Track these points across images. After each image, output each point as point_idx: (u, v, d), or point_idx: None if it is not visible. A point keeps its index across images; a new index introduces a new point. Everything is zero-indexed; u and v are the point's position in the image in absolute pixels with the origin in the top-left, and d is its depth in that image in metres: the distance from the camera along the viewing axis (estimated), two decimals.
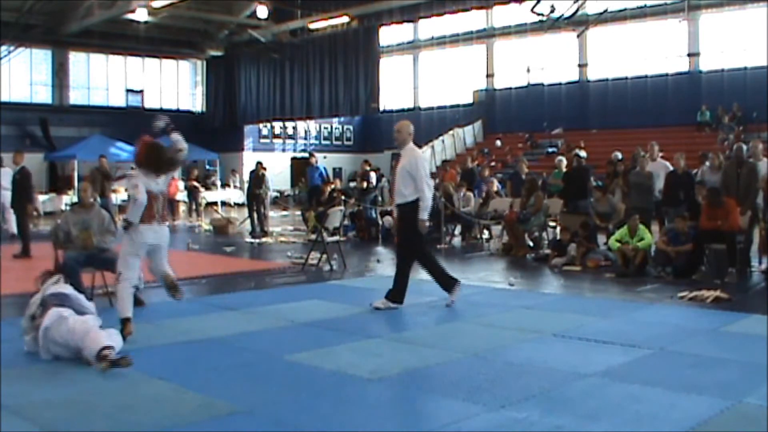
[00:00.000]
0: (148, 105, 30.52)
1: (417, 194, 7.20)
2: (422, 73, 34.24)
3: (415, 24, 31.69)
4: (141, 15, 24.77)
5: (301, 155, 30.49)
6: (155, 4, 24.15)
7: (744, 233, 9.70)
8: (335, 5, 25.17)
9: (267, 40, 28.86)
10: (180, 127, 6.63)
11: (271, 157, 28.54)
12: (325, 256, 10.65)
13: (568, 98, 29.29)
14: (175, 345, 5.88)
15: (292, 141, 33.32)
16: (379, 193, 18.58)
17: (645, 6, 27.03)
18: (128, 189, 6.41)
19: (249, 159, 28.47)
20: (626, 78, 27.83)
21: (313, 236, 12.31)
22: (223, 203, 26.69)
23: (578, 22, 25.02)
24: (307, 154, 23.03)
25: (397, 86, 34.04)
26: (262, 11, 26.28)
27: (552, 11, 22.45)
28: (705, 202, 9.84)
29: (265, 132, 32.34)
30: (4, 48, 25.24)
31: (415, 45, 33.91)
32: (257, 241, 15.05)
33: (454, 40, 32.29)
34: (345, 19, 25.88)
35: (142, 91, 30.76)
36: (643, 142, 14.52)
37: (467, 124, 31.13)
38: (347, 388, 4.70)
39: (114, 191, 13.70)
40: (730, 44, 25.52)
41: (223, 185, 28.66)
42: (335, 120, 33.52)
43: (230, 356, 5.50)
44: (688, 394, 4.52)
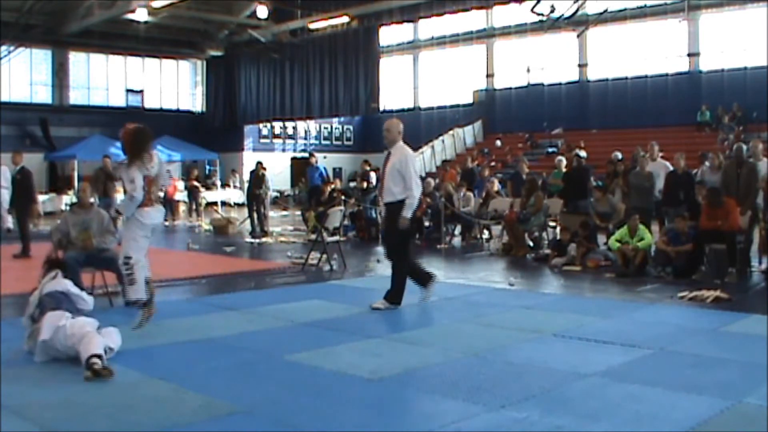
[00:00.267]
0: (148, 105, 30.55)
1: (406, 192, 7.22)
2: (422, 73, 34.24)
3: (415, 24, 31.68)
4: (141, 15, 24.78)
5: (301, 155, 30.50)
6: (155, 4, 24.16)
7: (744, 233, 9.70)
8: (335, 5, 25.17)
9: (267, 40, 28.85)
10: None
11: (271, 157, 28.54)
12: (325, 256, 10.64)
13: (568, 98, 29.28)
14: (175, 345, 5.87)
15: (292, 141, 33.33)
16: (379, 193, 18.53)
17: (645, 6, 27.03)
18: (125, 184, 6.36)
19: (249, 159, 28.47)
20: (626, 78, 27.82)
21: (313, 236, 12.31)
22: (223, 203, 26.69)
23: (578, 22, 25.01)
24: (307, 154, 23.03)
25: (397, 86, 34.05)
26: (262, 11, 26.29)
27: (552, 11, 22.43)
28: (705, 202, 9.84)
29: (265, 132, 32.34)
30: (4, 48, 25.25)
31: (415, 45, 33.91)
32: (257, 241, 15.05)
33: (454, 40, 32.29)
34: (345, 19, 25.89)
35: (142, 91, 30.77)
36: (643, 142, 14.53)
37: (467, 124, 31.13)
38: (347, 388, 4.69)
39: (117, 191, 13.69)
40: (730, 44, 25.51)
41: (223, 185, 28.66)
42: (335, 120, 33.51)
43: (230, 356, 5.50)
44: (688, 394, 4.52)
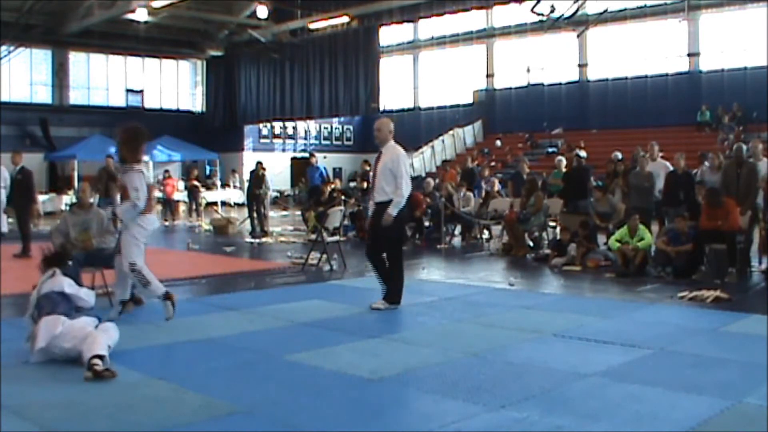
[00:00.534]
0: (148, 105, 30.57)
1: (397, 191, 7.24)
2: (422, 73, 34.25)
3: (415, 24, 31.69)
4: (141, 15, 24.80)
5: (301, 155, 30.51)
6: (155, 4, 24.17)
7: (744, 233, 9.69)
8: (335, 5, 25.18)
9: (267, 40, 28.85)
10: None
11: (271, 157, 28.56)
12: (325, 256, 10.64)
13: (568, 98, 29.29)
14: (175, 345, 5.88)
15: (292, 141, 33.34)
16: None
17: (645, 6, 27.03)
18: (129, 191, 6.38)
19: (249, 159, 28.48)
20: (626, 78, 27.83)
21: (313, 236, 12.31)
22: (223, 203, 26.70)
23: (578, 22, 25.01)
24: (307, 154, 23.03)
25: (397, 86, 34.06)
26: (262, 11, 26.29)
27: (552, 11, 22.44)
28: (704, 203, 9.84)
29: (265, 132, 32.35)
30: (4, 48, 25.25)
31: (415, 45, 33.92)
32: (257, 241, 15.05)
33: (454, 40, 32.30)
34: (345, 19, 25.89)
35: (142, 91, 30.78)
36: (643, 142, 14.53)
37: (467, 124, 31.14)
38: (347, 388, 4.69)
39: (118, 192, 13.65)
40: (730, 44, 25.52)
41: (223, 185, 28.67)
42: (335, 120, 33.52)
43: (230, 356, 5.49)
44: (688, 394, 4.52)
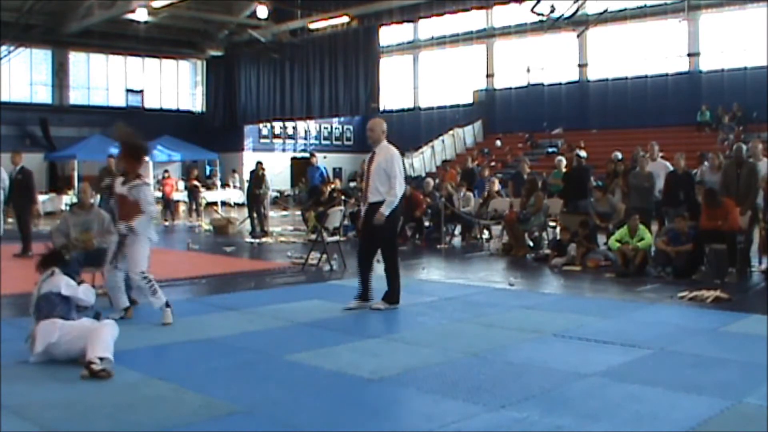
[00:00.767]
0: (148, 105, 30.56)
1: (390, 192, 7.25)
2: (422, 73, 34.25)
3: (415, 24, 31.69)
4: (141, 15, 24.80)
5: (301, 155, 30.50)
6: (155, 4, 24.17)
7: (744, 233, 9.69)
8: (335, 5, 25.18)
9: (267, 40, 28.86)
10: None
11: (271, 157, 28.57)
12: (325, 256, 10.64)
13: (568, 98, 29.29)
14: (175, 345, 5.87)
15: (292, 141, 33.33)
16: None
17: (645, 6, 27.04)
18: (143, 205, 6.50)
19: (249, 159, 28.48)
20: (626, 78, 27.83)
21: (313, 236, 12.30)
22: (223, 203, 26.69)
23: (578, 22, 25.02)
24: (307, 154, 23.03)
25: (397, 86, 34.05)
26: (262, 11, 26.29)
27: (552, 11, 22.44)
28: (703, 203, 9.84)
29: (265, 132, 32.35)
30: (4, 48, 25.25)
31: (415, 45, 33.92)
32: (257, 241, 15.04)
33: (454, 40, 32.30)
34: (345, 19, 25.89)
35: (142, 91, 30.77)
36: (643, 142, 14.53)
37: (467, 124, 31.15)
38: (347, 388, 4.69)
39: None
40: (730, 44, 25.53)
41: (223, 185, 28.66)
42: (335, 120, 33.52)
43: (230, 356, 5.50)
44: (688, 394, 4.52)
